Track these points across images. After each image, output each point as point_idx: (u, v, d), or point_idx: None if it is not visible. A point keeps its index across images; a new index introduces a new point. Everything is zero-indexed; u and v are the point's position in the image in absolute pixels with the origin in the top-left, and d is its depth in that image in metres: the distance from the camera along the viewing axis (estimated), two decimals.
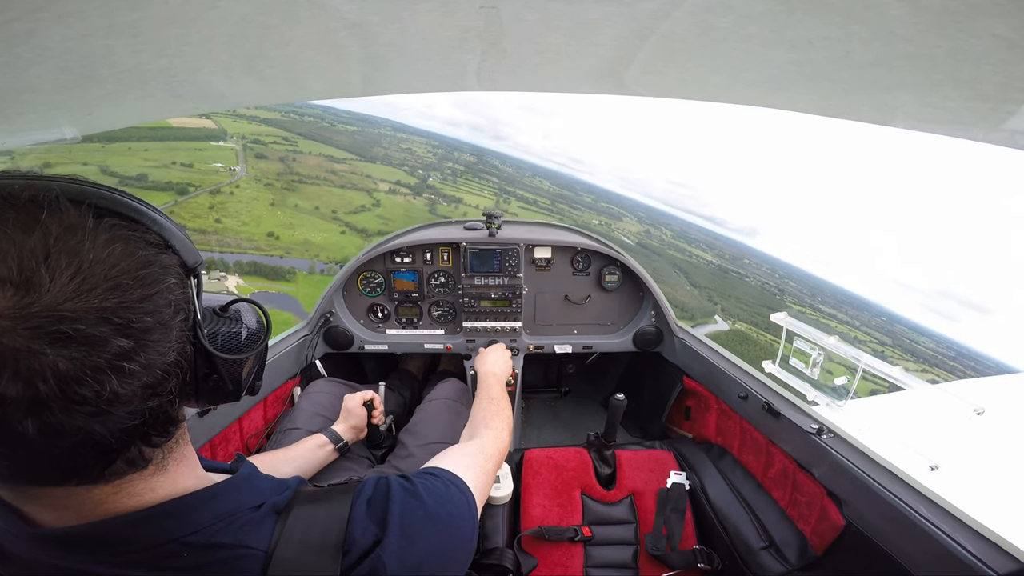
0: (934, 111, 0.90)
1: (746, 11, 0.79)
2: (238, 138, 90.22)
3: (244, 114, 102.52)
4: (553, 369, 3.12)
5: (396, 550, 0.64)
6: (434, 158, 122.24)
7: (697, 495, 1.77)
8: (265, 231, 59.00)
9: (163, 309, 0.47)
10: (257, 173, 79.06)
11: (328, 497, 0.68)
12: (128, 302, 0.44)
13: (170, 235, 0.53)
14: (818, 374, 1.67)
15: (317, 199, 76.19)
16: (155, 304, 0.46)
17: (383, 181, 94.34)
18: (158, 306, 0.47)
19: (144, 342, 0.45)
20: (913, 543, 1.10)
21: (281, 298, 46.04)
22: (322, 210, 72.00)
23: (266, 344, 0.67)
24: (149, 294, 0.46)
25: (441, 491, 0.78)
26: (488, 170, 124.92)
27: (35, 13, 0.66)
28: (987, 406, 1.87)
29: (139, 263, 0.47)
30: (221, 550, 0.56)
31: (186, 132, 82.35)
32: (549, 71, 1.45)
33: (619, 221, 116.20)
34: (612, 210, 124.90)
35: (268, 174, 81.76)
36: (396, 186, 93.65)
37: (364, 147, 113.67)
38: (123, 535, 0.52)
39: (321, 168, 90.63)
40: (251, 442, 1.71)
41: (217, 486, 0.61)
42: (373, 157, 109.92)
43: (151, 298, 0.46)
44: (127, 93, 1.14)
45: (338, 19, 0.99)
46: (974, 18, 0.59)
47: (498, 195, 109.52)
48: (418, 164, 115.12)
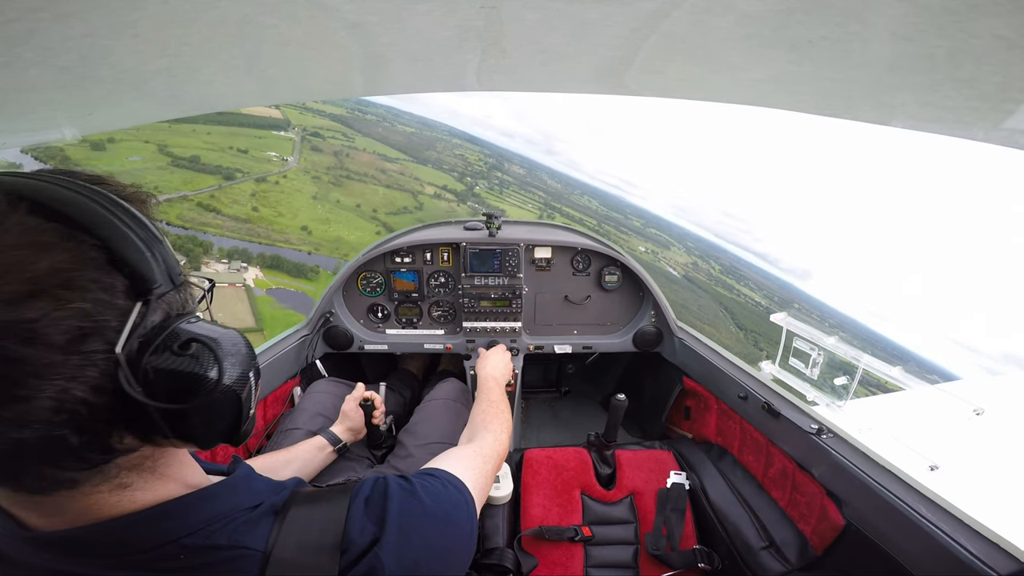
0: (934, 111, 0.89)
1: (746, 11, 0.79)
2: (299, 129, 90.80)
3: (312, 107, 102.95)
4: (553, 369, 3.12)
5: (394, 549, 0.64)
6: (484, 167, 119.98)
7: (697, 495, 1.77)
8: (300, 224, 58.77)
9: (55, 335, 0.40)
10: (308, 165, 79.17)
11: (326, 497, 0.68)
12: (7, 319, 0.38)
13: (123, 249, 0.47)
14: (818, 374, 1.67)
15: (360, 196, 75.97)
16: (43, 327, 0.40)
17: (430, 184, 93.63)
18: (48, 331, 0.40)
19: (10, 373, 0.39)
20: (913, 543, 1.10)
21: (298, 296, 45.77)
22: (363, 208, 71.91)
23: (232, 394, 0.53)
24: (40, 314, 0.40)
25: (439, 491, 0.77)
26: (536, 184, 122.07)
27: (35, 13, 0.66)
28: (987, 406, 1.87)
29: (44, 273, 0.41)
30: (218, 551, 0.56)
31: (252, 119, 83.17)
32: (549, 71, 1.45)
33: (667, 250, 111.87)
34: (661, 237, 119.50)
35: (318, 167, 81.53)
36: (442, 191, 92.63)
37: (418, 149, 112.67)
38: (117, 538, 0.52)
39: (372, 166, 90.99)
40: (251, 442, 1.71)
41: (213, 487, 0.61)
42: (425, 160, 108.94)
43: (41, 320, 0.40)
44: (127, 93, 1.14)
45: (338, 19, 0.99)
46: (974, 18, 0.59)
47: (543, 210, 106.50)
48: (468, 171, 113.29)
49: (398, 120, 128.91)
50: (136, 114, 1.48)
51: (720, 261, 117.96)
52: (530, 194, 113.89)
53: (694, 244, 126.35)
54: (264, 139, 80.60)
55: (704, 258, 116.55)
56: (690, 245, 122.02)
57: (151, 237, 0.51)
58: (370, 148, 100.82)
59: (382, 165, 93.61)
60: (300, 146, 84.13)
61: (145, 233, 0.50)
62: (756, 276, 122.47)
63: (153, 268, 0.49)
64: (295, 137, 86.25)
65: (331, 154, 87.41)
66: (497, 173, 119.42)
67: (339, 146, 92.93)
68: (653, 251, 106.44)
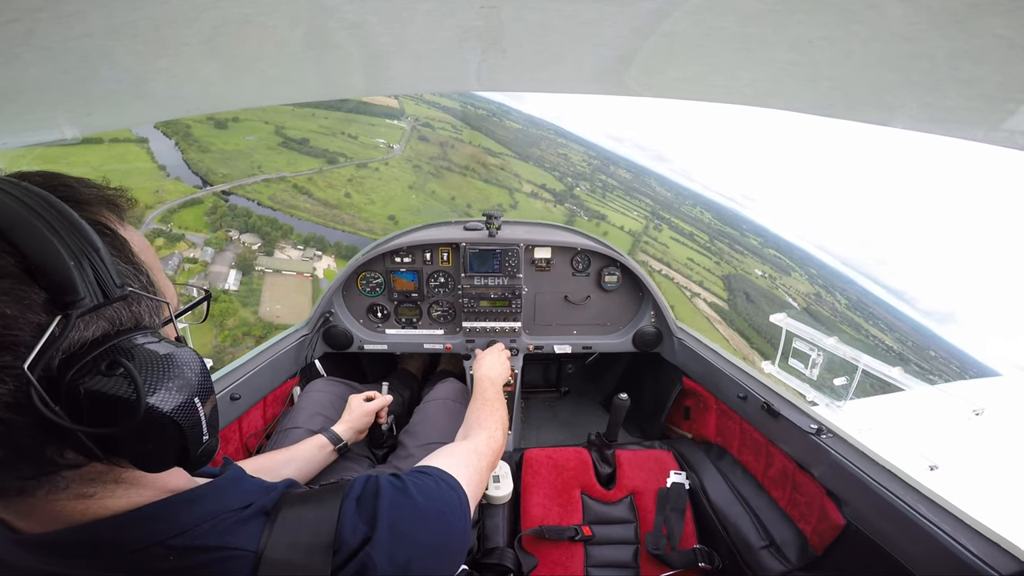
0: (934, 111, 0.90)
1: (746, 11, 0.79)
2: (412, 119, 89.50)
3: (428, 99, 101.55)
4: (553, 369, 3.12)
5: (385, 548, 0.63)
6: (588, 168, 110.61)
7: (697, 495, 1.77)
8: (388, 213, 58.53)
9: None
10: (412, 154, 78.24)
11: (317, 497, 0.67)
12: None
13: (42, 257, 0.43)
14: (817, 374, 1.67)
15: (457, 189, 74.73)
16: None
17: (529, 182, 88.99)
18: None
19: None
20: (913, 543, 1.10)
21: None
22: (457, 201, 70.82)
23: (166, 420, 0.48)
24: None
25: (432, 488, 0.77)
26: (643, 190, 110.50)
27: (35, 13, 0.66)
28: (986, 406, 1.87)
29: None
30: (207, 552, 0.56)
31: (371, 107, 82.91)
32: (549, 71, 1.45)
33: (786, 276, 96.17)
34: (780, 261, 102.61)
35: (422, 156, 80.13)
36: (540, 189, 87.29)
37: (522, 145, 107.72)
38: (104, 539, 0.52)
39: (474, 159, 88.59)
40: (251, 442, 1.71)
41: (199, 489, 0.61)
42: (527, 157, 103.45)
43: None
44: (127, 93, 1.14)
45: (338, 19, 0.99)
46: (974, 18, 0.59)
47: (649, 219, 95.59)
48: (569, 172, 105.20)
49: (507, 116, 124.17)
50: (136, 114, 1.48)
51: (847, 294, 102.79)
52: (636, 200, 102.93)
53: (817, 271, 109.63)
54: (376, 126, 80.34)
55: (829, 289, 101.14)
56: (813, 272, 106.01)
57: (84, 246, 0.46)
58: (475, 141, 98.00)
59: (484, 159, 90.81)
60: (410, 135, 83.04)
61: (77, 241, 0.45)
62: (887, 315, 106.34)
63: (76, 280, 0.44)
64: (406, 126, 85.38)
65: (437, 144, 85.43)
66: (601, 176, 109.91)
67: (446, 137, 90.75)
68: (771, 276, 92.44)
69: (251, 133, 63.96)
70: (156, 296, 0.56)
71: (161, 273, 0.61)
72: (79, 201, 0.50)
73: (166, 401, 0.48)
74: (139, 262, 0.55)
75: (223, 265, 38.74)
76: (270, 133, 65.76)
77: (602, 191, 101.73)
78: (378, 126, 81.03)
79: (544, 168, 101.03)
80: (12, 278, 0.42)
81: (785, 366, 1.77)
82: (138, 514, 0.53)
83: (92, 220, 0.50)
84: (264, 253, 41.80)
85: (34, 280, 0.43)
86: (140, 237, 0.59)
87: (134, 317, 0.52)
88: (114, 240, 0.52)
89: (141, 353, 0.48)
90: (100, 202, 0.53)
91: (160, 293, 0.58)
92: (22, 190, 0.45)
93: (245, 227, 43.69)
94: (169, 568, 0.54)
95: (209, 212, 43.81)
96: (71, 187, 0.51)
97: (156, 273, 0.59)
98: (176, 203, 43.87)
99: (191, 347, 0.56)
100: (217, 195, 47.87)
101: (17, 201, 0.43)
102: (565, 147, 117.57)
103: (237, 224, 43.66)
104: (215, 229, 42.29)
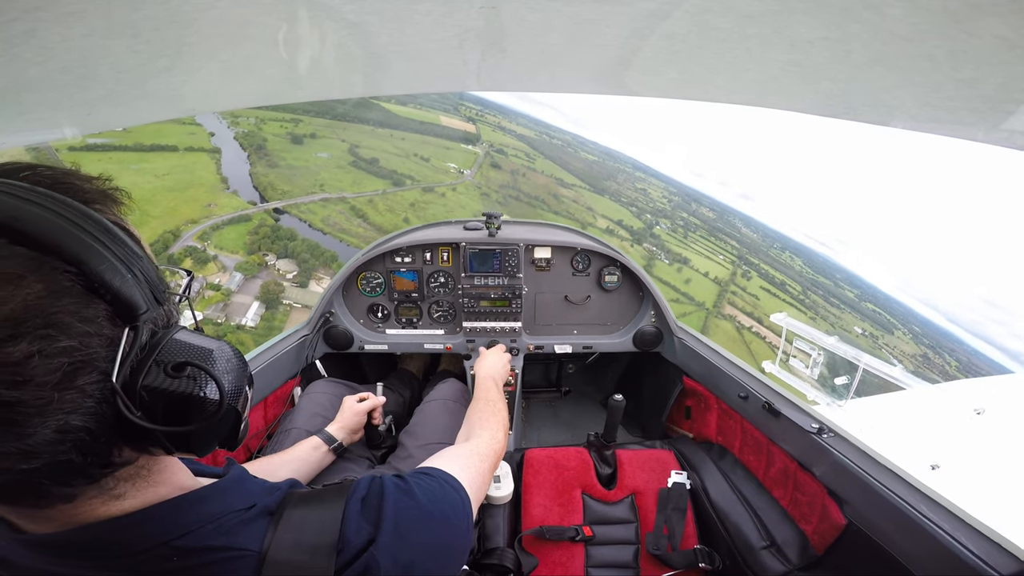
0: (934, 111, 0.89)
1: (746, 11, 0.79)
2: (487, 144, 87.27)
3: (504, 126, 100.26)
4: (553, 369, 3.12)
5: (389, 548, 0.64)
6: (668, 205, 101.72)
7: (698, 495, 1.77)
8: None
9: (44, 375, 0.39)
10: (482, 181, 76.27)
11: (321, 498, 0.68)
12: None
13: (101, 273, 0.44)
14: (818, 374, 1.67)
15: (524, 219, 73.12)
16: (31, 370, 0.38)
17: (604, 217, 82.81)
18: (36, 372, 0.39)
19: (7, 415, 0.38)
20: (914, 542, 1.10)
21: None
22: None
23: (230, 410, 0.53)
24: (24, 356, 0.38)
25: (435, 489, 0.78)
26: (728, 231, 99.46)
27: (35, 13, 0.66)
28: (987, 406, 1.87)
29: (18, 310, 0.38)
30: (211, 552, 0.56)
31: (448, 131, 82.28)
32: (549, 71, 1.45)
33: (889, 334, 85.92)
34: (880, 316, 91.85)
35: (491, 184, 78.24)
36: (616, 226, 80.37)
37: (597, 178, 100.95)
38: (108, 541, 0.52)
39: (546, 189, 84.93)
40: (251, 443, 1.71)
41: (203, 489, 0.61)
42: (603, 190, 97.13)
43: (26, 363, 0.38)
44: (127, 93, 1.14)
45: (338, 19, 0.99)
46: (974, 18, 0.59)
47: (736, 264, 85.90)
48: (648, 207, 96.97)
49: (582, 147, 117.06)
50: (136, 114, 1.48)
51: (956, 355, 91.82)
52: (720, 242, 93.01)
53: (921, 329, 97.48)
54: (451, 150, 78.51)
55: (937, 350, 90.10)
56: (917, 331, 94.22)
57: (129, 254, 0.47)
58: (548, 171, 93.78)
59: (556, 190, 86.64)
60: (483, 161, 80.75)
61: (122, 250, 0.47)
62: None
63: (135, 292, 0.46)
64: (480, 152, 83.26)
65: (508, 172, 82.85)
66: (682, 214, 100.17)
67: (519, 165, 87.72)
68: (872, 334, 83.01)
69: (325, 150, 62.78)
70: (178, 292, 0.59)
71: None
72: (87, 201, 0.50)
73: (230, 394, 0.53)
74: (152, 257, 0.56)
75: (247, 295, 35.44)
76: (343, 151, 64.60)
77: (684, 230, 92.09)
78: (453, 150, 79.63)
79: (621, 203, 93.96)
80: (77, 296, 0.42)
81: (786, 366, 1.77)
82: (143, 515, 0.54)
83: (112, 221, 0.50)
84: (297, 284, 38.24)
85: (97, 295, 0.44)
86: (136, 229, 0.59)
87: (166, 314, 0.54)
88: (137, 240, 0.53)
89: (192, 351, 0.51)
90: (105, 198, 0.53)
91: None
92: (47, 198, 0.44)
93: (284, 252, 40.58)
94: (173, 568, 0.54)
95: (252, 232, 41.01)
96: (73, 184, 0.50)
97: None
98: (223, 219, 41.46)
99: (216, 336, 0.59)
100: (268, 212, 45.59)
101: (54, 214, 0.43)
102: (643, 181, 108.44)
103: (277, 248, 40.87)
104: (252, 252, 38.92)
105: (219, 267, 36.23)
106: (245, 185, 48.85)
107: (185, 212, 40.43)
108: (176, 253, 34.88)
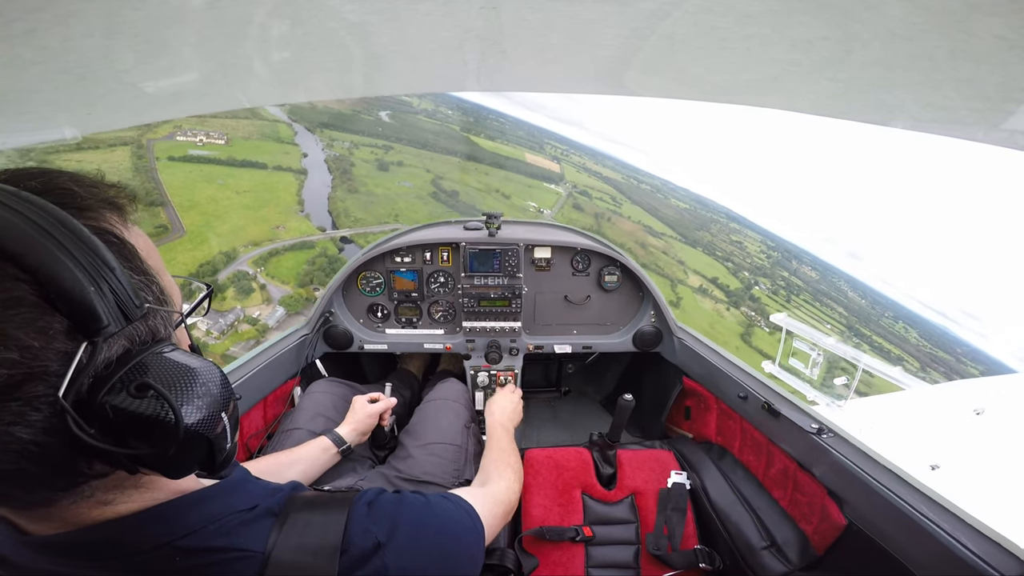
0: (934, 111, 0.90)
1: (746, 11, 0.79)
2: (571, 185, 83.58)
3: (589, 167, 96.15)
4: (553, 369, 3.12)
5: (402, 555, 0.64)
6: (767, 261, 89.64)
7: (698, 495, 1.77)
8: None
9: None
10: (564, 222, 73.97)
11: (326, 501, 0.68)
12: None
13: (60, 283, 0.41)
14: (817, 374, 1.67)
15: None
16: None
17: (696, 274, 73.64)
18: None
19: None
20: (915, 543, 1.09)
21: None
22: None
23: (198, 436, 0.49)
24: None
25: (452, 511, 0.80)
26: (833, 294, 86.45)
27: (35, 13, 0.66)
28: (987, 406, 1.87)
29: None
30: (214, 553, 0.56)
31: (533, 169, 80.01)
32: (549, 71, 1.45)
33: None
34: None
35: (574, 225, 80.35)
36: (711, 284, 70.74)
37: (689, 228, 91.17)
38: (110, 541, 0.52)
39: (632, 236, 77.98)
40: (251, 443, 1.71)
41: (206, 490, 0.61)
42: (695, 241, 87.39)
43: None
44: (127, 93, 1.14)
45: (338, 19, 0.99)
46: (974, 18, 0.59)
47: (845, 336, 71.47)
48: (746, 263, 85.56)
49: (672, 194, 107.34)
50: (136, 114, 1.48)
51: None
52: (826, 308, 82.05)
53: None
54: (534, 188, 75.98)
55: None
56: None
57: (99, 265, 0.44)
58: (635, 217, 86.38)
59: (644, 238, 79.22)
60: (565, 201, 76.86)
61: (91, 260, 0.44)
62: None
63: (97, 307, 0.43)
64: (563, 192, 79.79)
65: (592, 215, 77.77)
66: (782, 272, 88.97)
67: (603, 208, 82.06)
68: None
69: (409, 179, 61.00)
70: (168, 308, 0.56)
71: (166, 273, 0.60)
72: (80, 207, 0.49)
73: (196, 417, 0.48)
74: (148, 270, 0.54)
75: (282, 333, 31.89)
76: (427, 182, 62.49)
77: (786, 293, 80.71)
78: (535, 188, 77.14)
79: (716, 257, 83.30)
80: (32, 307, 0.40)
81: (785, 365, 1.77)
82: (147, 516, 0.54)
83: (97, 228, 0.49)
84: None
85: (54, 308, 0.41)
86: (144, 239, 0.57)
87: (150, 331, 0.52)
88: (123, 249, 0.51)
89: (166, 371, 0.48)
90: (102, 205, 0.52)
91: (168, 297, 0.57)
92: (24, 203, 0.42)
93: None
94: (176, 569, 0.54)
95: (310, 261, 36.42)
96: (69, 190, 0.49)
97: (163, 276, 0.58)
98: (285, 243, 37.38)
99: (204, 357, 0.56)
100: (334, 240, 41.69)
101: (23, 219, 0.41)
102: (739, 233, 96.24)
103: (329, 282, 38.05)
104: (303, 284, 34.37)
105: (264, 298, 31.91)
106: (320, 209, 44.89)
107: (251, 232, 36.88)
108: (225, 279, 31.54)
